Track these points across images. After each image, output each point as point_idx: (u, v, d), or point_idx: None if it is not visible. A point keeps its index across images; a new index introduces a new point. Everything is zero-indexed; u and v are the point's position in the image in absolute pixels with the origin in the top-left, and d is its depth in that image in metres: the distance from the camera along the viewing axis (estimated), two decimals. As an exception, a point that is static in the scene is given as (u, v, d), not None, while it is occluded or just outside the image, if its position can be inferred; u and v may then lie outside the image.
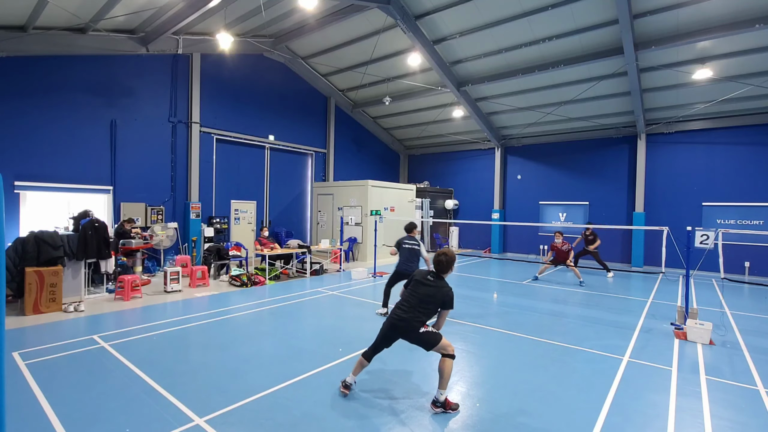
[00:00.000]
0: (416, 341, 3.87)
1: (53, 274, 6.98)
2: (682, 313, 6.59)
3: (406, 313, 3.84)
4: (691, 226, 7.10)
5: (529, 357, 5.26)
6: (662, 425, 3.64)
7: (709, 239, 6.80)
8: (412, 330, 3.81)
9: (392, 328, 3.90)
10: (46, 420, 3.50)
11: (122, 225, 9.41)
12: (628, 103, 13.00)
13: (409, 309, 3.85)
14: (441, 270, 3.94)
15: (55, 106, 9.60)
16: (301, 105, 15.66)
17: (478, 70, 13.37)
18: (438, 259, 3.94)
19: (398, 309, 3.93)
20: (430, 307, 3.88)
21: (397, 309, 3.94)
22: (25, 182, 9.12)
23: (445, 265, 3.92)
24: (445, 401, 3.76)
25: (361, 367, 4.01)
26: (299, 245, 11.29)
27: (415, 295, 3.90)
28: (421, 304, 3.85)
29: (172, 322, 6.52)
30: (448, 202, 18.65)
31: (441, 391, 3.74)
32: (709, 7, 9.14)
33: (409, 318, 3.82)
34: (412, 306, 3.86)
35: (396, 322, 3.87)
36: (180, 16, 9.70)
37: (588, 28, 10.58)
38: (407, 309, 3.86)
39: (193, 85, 12.02)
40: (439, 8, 11.08)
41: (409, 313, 3.83)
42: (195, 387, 4.19)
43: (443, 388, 3.73)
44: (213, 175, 12.84)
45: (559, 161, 16.02)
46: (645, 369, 4.93)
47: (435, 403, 3.78)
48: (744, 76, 10.81)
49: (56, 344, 5.36)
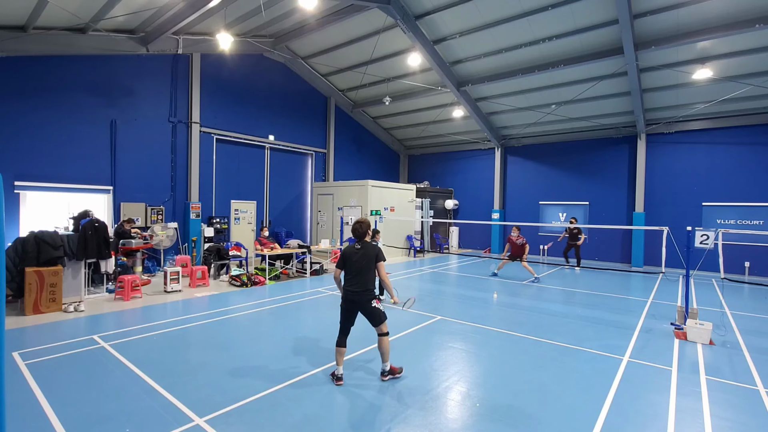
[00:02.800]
0: (368, 314, 4.31)
1: (53, 274, 6.98)
2: (682, 313, 6.59)
3: (357, 287, 4.25)
4: (691, 226, 7.10)
5: (529, 357, 5.26)
6: (662, 425, 3.64)
7: (709, 239, 6.80)
8: (367, 302, 4.26)
9: (349, 303, 4.29)
10: (46, 420, 3.50)
11: (122, 225, 9.40)
12: (628, 103, 13.00)
13: (357, 282, 4.26)
14: (361, 236, 4.40)
15: (55, 106, 9.60)
16: (301, 105, 15.66)
17: (478, 70, 13.37)
18: (354, 228, 4.41)
19: (349, 286, 4.30)
20: (371, 266, 4.31)
21: (347, 286, 4.30)
22: (25, 182, 9.13)
23: (361, 232, 4.39)
24: (390, 369, 4.39)
25: (341, 356, 4.33)
26: (299, 245, 11.29)
27: (354, 267, 4.28)
28: (362, 270, 4.27)
29: (172, 322, 6.52)
30: (448, 202, 18.65)
31: (386, 364, 4.38)
32: (709, 7, 9.14)
33: (360, 290, 4.25)
34: (357, 277, 4.27)
35: (351, 297, 4.27)
36: (180, 16, 9.70)
37: (588, 28, 10.58)
38: (355, 282, 4.27)
39: (193, 85, 12.02)
40: (439, 8, 11.08)
41: (358, 285, 4.25)
42: (195, 387, 4.19)
43: (386, 361, 4.38)
44: (213, 175, 12.84)
45: (559, 161, 16.02)
46: (645, 369, 4.93)
47: (383, 374, 4.38)
48: (744, 76, 10.81)
49: (56, 344, 5.36)
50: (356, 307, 4.30)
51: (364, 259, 4.27)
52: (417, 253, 15.93)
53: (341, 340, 4.34)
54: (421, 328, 6.43)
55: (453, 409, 3.87)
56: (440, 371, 4.73)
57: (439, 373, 4.66)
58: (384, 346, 4.34)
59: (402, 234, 15.74)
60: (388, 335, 4.39)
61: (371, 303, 4.26)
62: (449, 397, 4.09)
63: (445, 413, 3.79)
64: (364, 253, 4.30)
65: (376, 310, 4.29)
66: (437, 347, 5.55)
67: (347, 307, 4.32)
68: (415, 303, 8.15)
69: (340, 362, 4.33)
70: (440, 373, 4.66)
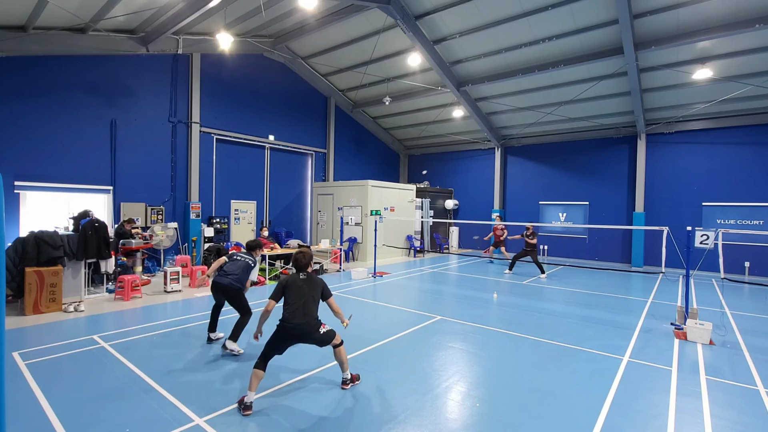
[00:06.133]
0: (316, 341, 4.03)
1: (53, 274, 6.98)
2: (682, 313, 6.59)
3: (301, 318, 3.91)
4: (691, 226, 7.10)
5: (529, 357, 5.26)
6: (662, 425, 3.64)
7: (709, 239, 6.80)
8: (315, 332, 3.97)
9: (290, 337, 3.93)
10: (46, 420, 3.50)
11: (122, 225, 9.40)
12: (628, 103, 13.00)
13: (302, 313, 3.92)
14: (302, 267, 4.15)
15: (55, 106, 9.61)
16: (301, 105, 15.66)
17: (478, 70, 13.37)
18: (296, 257, 4.17)
19: (292, 318, 3.89)
20: (317, 297, 4.10)
21: (290, 319, 3.89)
22: (25, 182, 9.13)
23: (304, 262, 4.16)
24: (351, 377, 4.28)
25: (257, 379, 3.80)
26: (299, 245, 11.28)
27: (300, 297, 3.98)
28: (308, 301, 4.00)
29: (172, 322, 6.52)
30: (448, 202, 18.65)
31: (346, 373, 4.25)
32: (709, 7, 9.14)
33: (304, 323, 3.92)
34: (303, 308, 3.94)
35: (295, 330, 3.89)
36: (180, 16, 9.70)
37: (588, 28, 10.58)
38: (300, 314, 3.91)
39: (193, 85, 12.03)
40: (439, 8, 11.08)
41: (303, 317, 3.92)
42: (195, 387, 4.19)
43: (346, 370, 4.25)
44: (213, 175, 12.84)
45: (559, 161, 16.02)
46: (645, 369, 4.93)
47: (345, 382, 4.25)
48: (744, 76, 10.81)
49: (56, 344, 5.36)
50: (299, 340, 3.97)
51: (311, 290, 4.06)
52: (417, 253, 15.93)
53: (263, 364, 3.85)
54: (421, 328, 6.43)
55: (453, 409, 3.87)
56: (440, 371, 4.73)
57: (439, 373, 4.66)
58: (342, 356, 4.17)
59: (402, 234, 15.74)
60: (343, 343, 4.21)
61: (319, 331, 3.98)
62: (449, 397, 4.09)
63: (445, 413, 3.79)
64: (310, 283, 4.09)
65: (324, 335, 4.01)
66: (437, 347, 5.55)
67: (285, 338, 3.92)
68: (415, 303, 8.17)
69: (254, 387, 3.75)
70: (440, 373, 4.66)
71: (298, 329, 3.90)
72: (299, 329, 3.90)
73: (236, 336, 5.16)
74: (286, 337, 3.92)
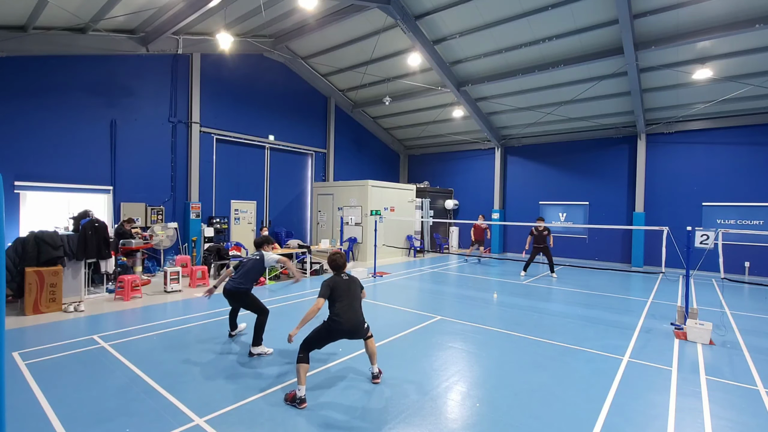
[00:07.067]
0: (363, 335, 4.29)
1: (53, 274, 6.98)
2: (682, 313, 6.59)
3: (354, 316, 4.14)
4: (691, 226, 7.09)
5: (529, 357, 5.26)
6: (662, 425, 3.64)
7: (709, 239, 6.80)
8: (362, 328, 4.24)
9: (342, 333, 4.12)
10: (46, 420, 3.50)
11: (122, 225, 9.40)
12: (628, 103, 13.00)
13: (353, 311, 4.17)
14: (341, 267, 4.43)
15: (55, 106, 9.60)
16: (301, 105, 15.66)
17: (478, 70, 13.37)
18: (333, 259, 4.45)
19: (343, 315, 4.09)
20: (359, 296, 4.36)
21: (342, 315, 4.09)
22: (25, 182, 9.12)
23: (342, 262, 4.44)
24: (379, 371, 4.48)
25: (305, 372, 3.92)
26: (299, 245, 11.29)
27: (348, 296, 4.19)
28: (355, 300, 4.25)
29: (172, 322, 6.52)
30: (448, 202, 18.65)
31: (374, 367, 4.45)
32: (709, 7, 9.14)
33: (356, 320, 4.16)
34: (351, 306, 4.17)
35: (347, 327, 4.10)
36: (180, 16, 9.70)
37: (588, 28, 10.58)
38: (351, 312, 4.14)
39: (193, 85, 12.02)
40: (439, 8, 11.08)
41: (355, 315, 4.17)
42: (195, 387, 4.19)
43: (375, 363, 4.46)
44: (213, 175, 12.84)
45: (559, 161, 16.02)
46: (645, 369, 4.93)
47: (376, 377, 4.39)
48: (744, 76, 10.81)
49: (56, 344, 5.36)
50: (349, 336, 4.19)
51: (356, 288, 4.33)
52: (417, 253, 15.94)
53: (307, 358, 3.98)
54: (421, 328, 6.43)
55: (453, 409, 3.87)
56: (440, 371, 4.73)
57: (439, 373, 4.66)
58: (373, 347, 4.42)
59: (402, 234, 15.73)
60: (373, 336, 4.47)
61: (365, 324, 4.28)
62: (449, 397, 4.09)
63: (445, 413, 3.79)
64: (353, 282, 4.35)
65: (368, 328, 4.35)
66: (437, 347, 5.55)
67: (336, 334, 4.10)
68: (415, 303, 8.16)
69: (304, 380, 3.87)
70: (440, 373, 4.66)
71: (351, 326, 4.11)
72: (352, 326, 4.12)
73: (259, 340, 5.16)
74: (338, 333, 4.10)
